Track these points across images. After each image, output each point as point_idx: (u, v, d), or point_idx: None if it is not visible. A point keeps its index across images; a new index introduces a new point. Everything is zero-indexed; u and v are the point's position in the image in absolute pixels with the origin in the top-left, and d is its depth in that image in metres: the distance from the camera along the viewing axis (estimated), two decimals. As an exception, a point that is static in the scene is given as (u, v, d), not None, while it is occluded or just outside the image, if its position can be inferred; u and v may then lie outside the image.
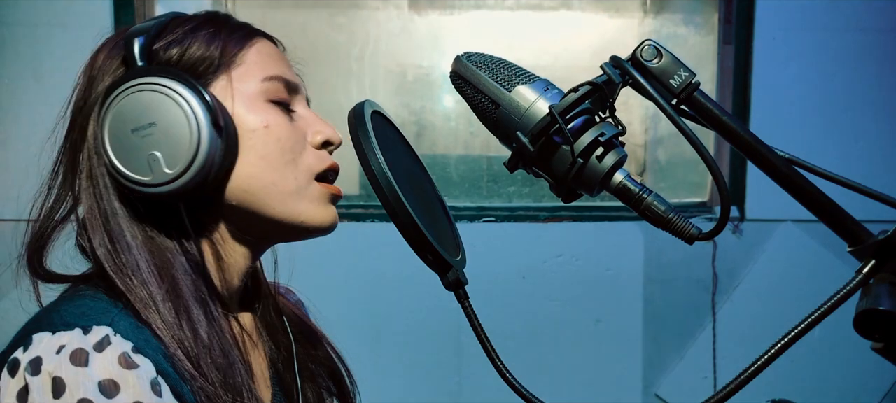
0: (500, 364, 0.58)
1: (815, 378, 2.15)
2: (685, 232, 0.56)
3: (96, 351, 0.56)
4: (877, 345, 0.52)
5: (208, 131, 0.62)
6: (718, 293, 2.22)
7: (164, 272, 0.63)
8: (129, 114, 0.62)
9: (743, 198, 2.19)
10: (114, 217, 0.64)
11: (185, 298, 0.63)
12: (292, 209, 0.68)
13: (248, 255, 0.72)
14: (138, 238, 0.64)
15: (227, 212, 0.68)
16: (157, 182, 0.62)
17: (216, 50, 0.67)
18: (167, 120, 0.61)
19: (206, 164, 0.62)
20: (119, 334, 0.58)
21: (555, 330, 2.20)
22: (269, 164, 0.67)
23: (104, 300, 0.62)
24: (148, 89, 0.62)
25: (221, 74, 0.67)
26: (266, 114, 0.67)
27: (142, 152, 0.62)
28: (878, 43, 2.17)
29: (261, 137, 0.66)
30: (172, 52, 0.66)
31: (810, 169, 0.56)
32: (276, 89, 0.69)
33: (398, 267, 2.05)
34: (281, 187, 0.67)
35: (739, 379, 0.51)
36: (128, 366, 0.56)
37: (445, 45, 2.30)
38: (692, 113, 0.56)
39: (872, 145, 2.17)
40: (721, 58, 2.26)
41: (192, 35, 0.67)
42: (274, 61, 0.71)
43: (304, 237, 0.71)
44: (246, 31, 0.71)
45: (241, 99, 0.67)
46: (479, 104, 0.60)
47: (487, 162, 2.32)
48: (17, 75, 2.05)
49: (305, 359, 0.84)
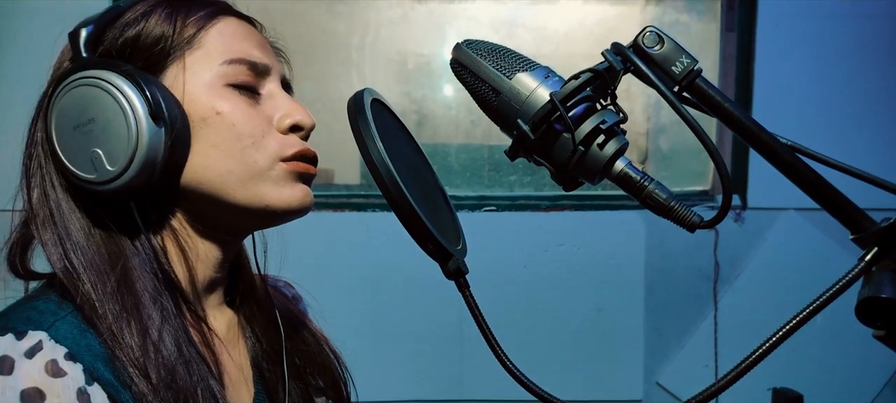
0: (501, 354, 0.58)
1: (817, 366, 2.15)
2: (687, 221, 0.55)
3: (26, 358, 0.55)
4: (879, 333, 0.52)
5: (147, 124, 0.58)
6: (720, 281, 2.22)
7: (114, 271, 0.61)
8: (70, 110, 0.60)
9: (745, 187, 2.19)
10: (61, 215, 0.62)
11: (137, 296, 0.61)
12: (254, 193, 0.64)
13: (217, 246, 0.69)
14: (90, 236, 0.62)
15: (186, 204, 0.66)
16: (101, 179, 0.59)
17: (169, 32, 0.63)
18: (105, 115, 0.59)
19: (148, 159, 0.59)
20: (54, 340, 0.56)
21: (556, 318, 2.20)
22: (223, 152, 0.63)
23: (53, 302, 0.60)
24: (86, 84, 0.59)
25: (176, 58, 0.64)
26: (221, 100, 0.64)
27: (85, 149, 0.59)
28: (882, 30, 2.15)
29: (213, 125, 0.63)
30: (127, 36, 0.63)
31: (813, 156, 0.56)
32: (236, 72, 0.65)
33: (399, 256, 2.05)
34: (238, 174, 0.64)
35: (741, 368, 0.50)
36: (54, 374, 0.55)
37: (446, 33, 2.29)
38: (694, 100, 0.56)
39: (875, 132, 2.17)
40: (723, 45, 2.25)
41: (147, 17, 0.63)
42: (238, 42, 0.66)
43: (275, 222, 0.68)
44: (207, 12, 0.66)
45: (194, 84, 0.63)
46: (479, 92, 0.60)
47: (488, 150, 2.31)
48: (15, 65, 2.05)
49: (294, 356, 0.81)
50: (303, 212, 0.68)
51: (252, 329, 0.76)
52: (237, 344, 0.74)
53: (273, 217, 0.67)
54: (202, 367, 0.63)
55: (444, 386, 2.20)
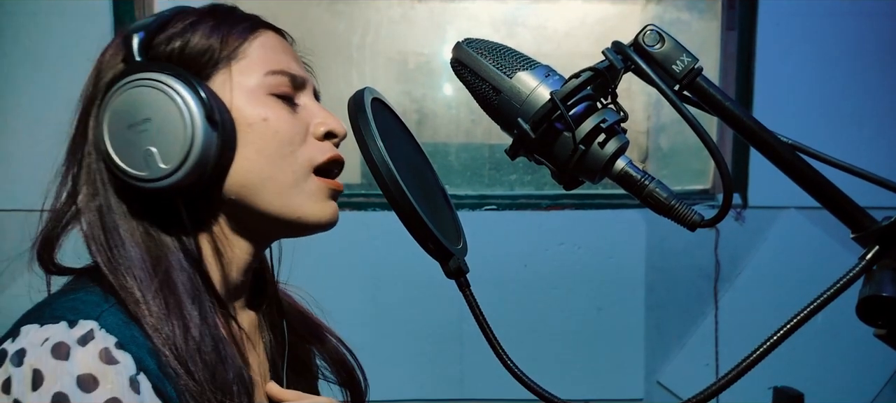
0: (502, 353, 0.58)
1: (817, 365, 2.15)
2: (687, 219, 0.55)
3: (79, 345, 0.56)
4: (880, 332, 0.52)
5: (202, 126, 0.61)
6: (721, 280, 2.22)
7: (157, 267, 0.63)
8: (126, 110, 0.62)
9: (746, 185, 2.19)
10: (109, 212, 0.64)
11: (179, 294, 0.63)
12: (289, 204, 0.68)
13: (248, 250, 0.71)
14: (134, 233, 0.64)
15: (225, 207, 0.68)
16: (153, 177, 0.62)
17: (217, 43, 0.66)
18: (162, 115, 0.62)
19: (201, 159, 0.62)
20: (104, 329, 0.58)
21: (557, 318, 2.20)
22: (266, 158, 0.66)
23: (97, 294, 0.62)
24: (143, 85, 0.62)
25: (222, 68, 0.67)
26: (265, 108, 0.67)
27: (138, 148, 0.62)
28: (883, 28, 2.15)
29: (259, 131, 0.66)
30: (174, 46, 0.66)
31: (813, 155, 0.56)
32: (278, 83, 0.68)
33: (400, 255, 2.05)
34: (278, 181, 0.67)
35: (741, 367, 0.50)
36: (108, 362, 0.57)
37: (446, 32, 2.29)
38: (695, 99, 0.56)
39: (876, 131, 2.16)
40: (724, 43, 2.25)
41: (193, 28, 0.67)
42: (278, 55, 0.70)
43: (303, 233, 0.71)
44: (250, 24, 0.70)
45: (240, 92, 0.66)
46: (480, 91, 0.60)
47: (489, 150, 2.31)
48: (17, 64, 2.05)
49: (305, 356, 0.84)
50: (328, 228, 0.71)
51: (271, 330, 0.79)
52: (257, 345, 0.77)
53: (302, 228, 0.70)
54: (236, 365, 0.65)
55: (444, 385, 2.20)
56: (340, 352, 0.86)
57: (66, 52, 2.03)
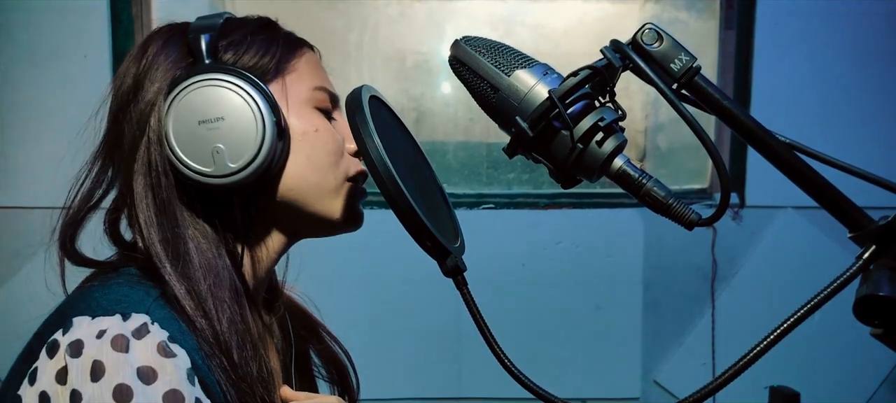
0: (499, 352, 0.58)
1: (814, 364, 2.16)
2: (685, 218, 0.55)
3: (136, 338, 0.57)
4: (876, 331, 0.52)
5: (272, 129, 0.65)
6: (718, 279, 2.22)
7: (211, 265, 0.65)
8: (197, 107, 0.64)
9: (743, 185, 2.19)
10: (170, 207, 0.66)
11: (224, 292, 0.65)
12: (329, 206, 0.71)
13: (278, 249, 0.74)
14: (189, 229, 0.66)
15: (272, 209, 0.71)
16: (219, 174, 0.64)
17: (273, 56, 0.70)
18: (236, 115, 0.64)
19: (266, 161, 0.65)
20: (156, 323, 0.59)
21: (554, 316, 2.20)
22: (314, 165, 0.70)
23: (139, 287, 0.63)
24: (218, 85, 0.64)
25: (277, 79, 0.70)
26: (314, 119, 0.71)
27: (206, 144, 0.64)
28: (881, 28, 2.16)
29: (310, 140, 0.70)
30: (233, 53, 0.69)
31: (811, 154, 0.56)
32: (322, 98, 0.72)
33: (397, 254, 2.05)
34: (323, 186, 0.70)
35: (738, 366, 0.50)
36: (166, 355, 0.57)
37: (445, 31, 2.29)
38: (693, 97, 0.56)
39: (873, 130, 2.17)
40: (722, 42, 2.25)
41: (251, 40, 0.70)
42: (319, 71, 0.74)
43: (333, 233, 0.74)
44: (296, 41, 0.74)
45: (293, 104, 0.70)
46: (477, 89, 0.60)
47: (487, 148, 2.31)
48: (14, 61, 2.04)
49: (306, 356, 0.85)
50: (356, 229, 0.76)
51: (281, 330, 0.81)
52: (270, 346, 0.78)
53: (337, 228, 0.74)
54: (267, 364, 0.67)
55: (442, 384, 2.20)
56: (335, 352, 0.88)
57: (62, 49, 2.02)
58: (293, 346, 0.81)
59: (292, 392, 0.75)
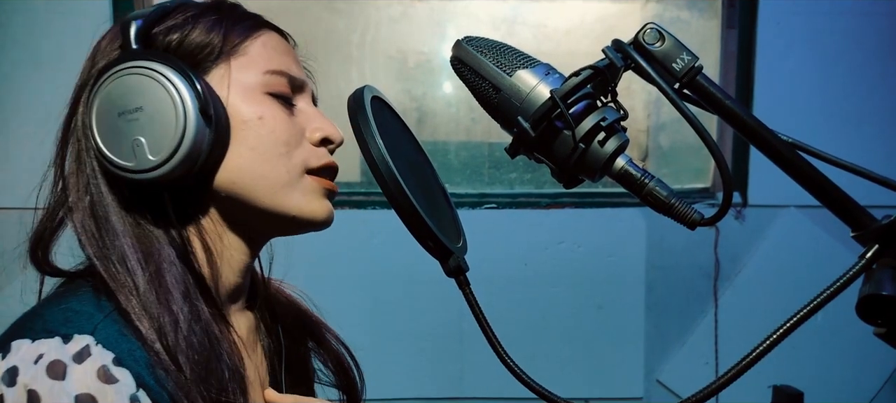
0: (501, 351, 0.58)
1: (817, 364, 2.15)
2: (687, 218, 0.55)
3: (75, 363, 0.54)
4: (879, 331, 0.52)
5: (196, 118, 0.60)
6: (720, 279, 2.22)
7: (148, 260, 0.62)
8: (116, 98, 0.60)
9: (745, 184, 2.19)
10: (100, 203, 0.63)
11: (169, 288, 0.61)
12: (282, 201, 0.66)
13: (243, 249, 0.70)
14: (125, 224, 0.63)
15: (216, 203, 0.67)
16: (140, 168, 0.60)
17: (217, 37, 0.65)
18: (154, 105, 0.60)
19: (191, 153, 0.60)
20: (101, 344, 0.56)
21: (556, 316, 2.20)
22: (259, 156, 0.65)
23: (90, 302, 0.60)
24: (136, 73, 0.60)
25: (220, 63, 0.65)
26: (262, 106, 0.66)
27: (127, 137, 0.60)
28: (883, 27, 2.15)
29: (254, 129, 0.65)
30: (172, 37, 0.64)
31: (814, 153, 0.56)
32: (276, 83, 0.67)
33: (400, 254, 2.05)
34: (271, 179, 0.66)
35: (741, 365, 0.50)
36: (107, 380, 0.54)
37: (446, 31, 2.29)
38: (695, 97, 0.56)
39: (876, 129, 2.16)
40: (724, 42, 2.24)
41: (194, 21, 0.65)
42: (279, 55, 0.69)
43: (297, 231, 0.70)
44: (252, 23, 0.69)
45: (238, 89, 0.65)
46: (479, 89, 0.60)
47: (489, 148, 2.31)
48: (16, 63, 2.05)
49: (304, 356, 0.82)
50: (324, 226, 0.70)
51: (268, 332, 0.78)
52: (255, 348, 0.75)
53: (297, 226, 0.69)
54: (230, 364, 0.63)
55: (444, 384, 2.20)
56: (338, 352, 0.85)
57: (65, 50, 2.02)
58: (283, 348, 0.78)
59: (277, 396, 0.72)
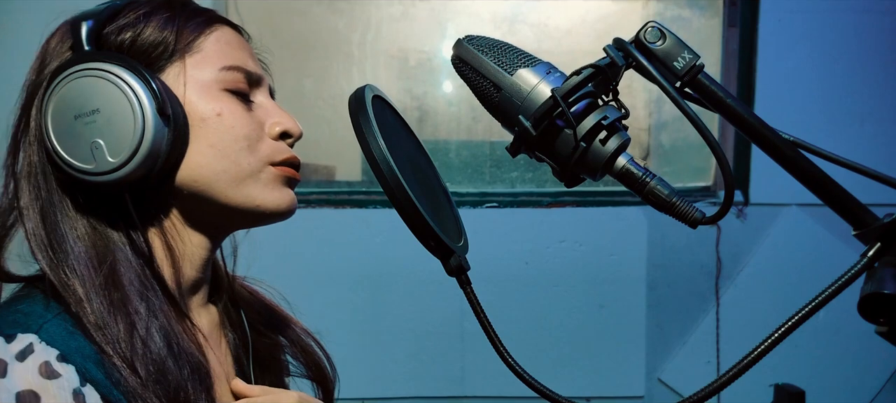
0: (503, 350, 0.58)
1: (819, 362, 2.15)
2: (689, 217, 0.55)
3: (17, 361, 0.55)
4: (881, 329, 0.52)
5: (153, 119, 0.60)
6: (722, 277, 2.21)
7: (102, 264, 0.61)
8: (72, 100, 0.60)
9: (747, 182, 2.19)
10: (51, 207, 0.62)
11: (125, 290, 0.61)
12: (244, 193, 0.66)
13: (203, 244, 0.70)
14: (77, 229, 0.62)
15: (177, 201, 0.67)
16: (100, 170, 0.60)
17: (170, 35, 0.65)
18: (111, 107, 0.59)
19: (151, 153, 0.60)
20: (45, 342, 0.56)
21: (558, 315, 2.20)
22: (220, 152, 0.65)
23: (40, 303, 0.60)
24: (91, 75, 0.60)
25: (175, 61, 0.65)
26: (219, 103, 0.65)
27: (85, 139, 0.60)
28: (884, 25, 2.15)
29: (213, 126, 0.65)
30: (125, 37, 0.64)
31: (815, 152, 0.56)
32: (233, 79, 0.67)
33: (401, 253, 2.06)
34: (232, 173, 0.65)
35: (743, 364, 0.50)
36: (48, 376, 0.55)
37: (447, 30, 2.29)
38: (696, 95, 0.56)
39: (878, 128, 2.16)
40: (726, 40, 2.24)
41: (146, 19, 0.65)
42: (234, 50, 0.69)
43: (260, 222, 0.70)
44: (205, 18, 0.68)
45: (194, 86, 0.65)
46: (480, 88, 0.60)
47: (490, 147, 2.31)
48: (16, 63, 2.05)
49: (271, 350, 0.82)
50: (288, 216, 0.70)
51: (231, 327, 0.78)
52: (219, 342, 0.75)
53: (261, 217, 0.69)
54: (192, 361, 0.63)
55: (445, 383, 2.20)
56: (306, 344, 0.85)
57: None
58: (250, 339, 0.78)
59: (245, 386, 0.72)
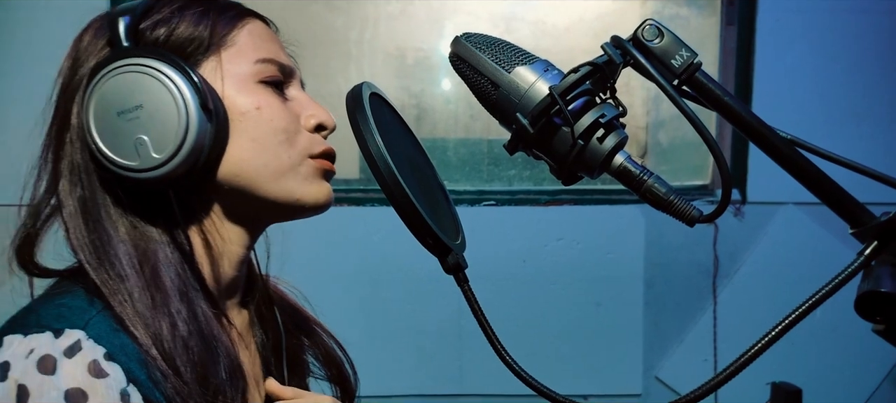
0: (500, 348, 0.58)
1: (816, 360, 2.16)
2: (686, 215, 0.55)
3: (66, 357, 0.54)
4: (878, 327, 0.52)
5: (197, 114, 0.59)
6: (719, 276, 2.22)
7: (144, 262, 0.61)
8: (114, 97, 0.59)
9: (744, 181, 2.19)
10: (94, 205, 0.62)
11: (166, 289, 0.60)
12: (285, 187, 0.66)
13: (241, 242, 0.69)
14: (119, 227, 0.62)
15: (217, 197, 0.66)
16: (144, 167, 0.59)
17: (205, 30, 0.64)
18: (154, 102, 0.59)
19: (195, 148, 0.60)
20: (92, 339, 0.56)
21: (555, 313, 2.20)
22: (261, 146, 0.65)
23: (83, 298, 0.59)
24: (134, 71, 0.59)
25: (211, 55, 0.65)
26: (258, 96, 0.65)
27: (128, 136, 0.59)
28: (882, 24, 2.15)
29: (252, 119, 0.64)
30: (159, 32, 0.63)
31: (812, 150, 0.56)
32: (268, 71, 0.67)
33: (398, 251, 2.05)
34: (273, 167, 0.65)
35: (740, 362, 0.50)
36: (97, 375, 0.54)
37: (445, 28, 2.28)
38: (694, 94, 0.56)
39: (875, 127, 2.16)
40: (723, 39, 2.24)
41: (180, 14, 0.64)
42: (266, 43, 0.69)
43: (299, 216, 0.69)
44: (237, 12, 0.68)
45: (231, 80, 0.64)
46: (478, 85, 0.60)
47: (488, 145, 2.31)
48: (14, 59, 2.04)
49: (296, 350, 0.82)
50: (325, 209, 0.70)
51: (262, 327, 0.78)
52: (250, 342, 0.75)
53: (300, 211, 0.68)
54: (230, 363, 0.63)
55: (443, 381, 2.20)
56: (330, 348, 0.85)
57: (62, 47, 2.02)
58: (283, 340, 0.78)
59: (279, 387, 0.71)
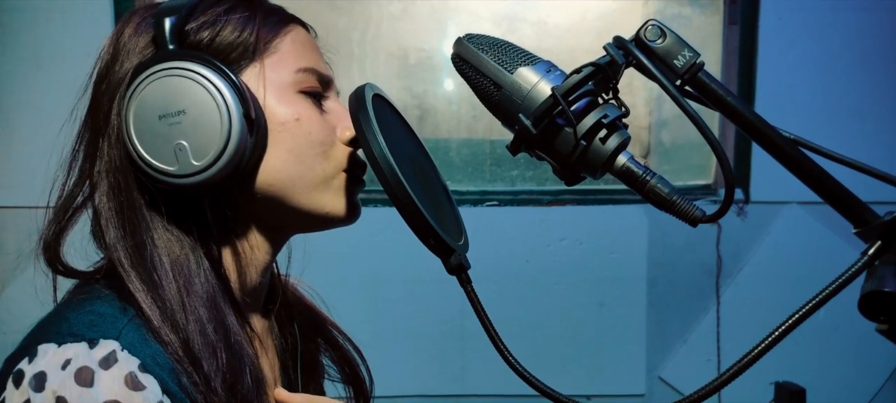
0: (503, 349, 0.58)
1: (819, 360, 2.15)
2: (689, 215, 0.55)
3: (102, 369, 0.53)
4: (881, 327, 0.52)
5: (239, 123, 0.58)
6: (722, 276, 2.21)
7: (177, 270, 0.60)
8: (156, 100, 0.58)
9: (748, 180, 2.19)
10: (131, 208, 0.61)
11: (197, 297, 0.60)
12: (315, 200, 0.66)
13: (268, 250, 0.69)
14: (153, 233, 0.61)
15: (250, 205, 0.65)
16: (183, 173, 0.58)
17: (250, 36, 0.63)
18: (198, 109, 0.58)
19: (235, 157, 0.59)
20: (126, 349, 0.55)
21: (558, 313, 2.20)
22: (296, 158, 0.64)
23: (114, 305, 0.59)
24: (178, 75, 0.58)
25: (254, 62, 0.64)
26: (297, 106, 0.64)
27: (168, 141, 0.58)
28: (885, 23, 2.15)
29: (291, 130, 0.63)
30: (204, 35, 0.62)
31: (816, 150, 0.56)
32: (309, 81, 0.66)
33: (401, 252, 2.05)
34: (308, 179, 0.65)
35: (743, 362, 0.50)
36: (134, 387, 0.54)
37: (447, 28, 2.29)
38: (696, 94, 0.56)
39: (878, 126, 2.16)
40: (726, 38, 2.24)
41: (226, 18, 0.63)
42: (308, 51, 0.68)
43: (327, 227, 0.69)
44: (280, 17, 0.67)
45: (272, 89, 0.63)
46: (481, 86, 0.60)
47: (490, 145, 2.31)
48: (18, 62, 2.05)
49: (312, 353, 0.82)
50: (352, 222, 0.70)
51: (280, 332, 0.77)
52: (269, 348, 0.75)
53: (327, 223, 0.68)
54: (254, 372, 0.62)
55: (446, 381, 2.20)
56: (346, 350, 0.85)
57: (66, 49, 2.02)
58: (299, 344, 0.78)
59: (288, 395, 0.71)
